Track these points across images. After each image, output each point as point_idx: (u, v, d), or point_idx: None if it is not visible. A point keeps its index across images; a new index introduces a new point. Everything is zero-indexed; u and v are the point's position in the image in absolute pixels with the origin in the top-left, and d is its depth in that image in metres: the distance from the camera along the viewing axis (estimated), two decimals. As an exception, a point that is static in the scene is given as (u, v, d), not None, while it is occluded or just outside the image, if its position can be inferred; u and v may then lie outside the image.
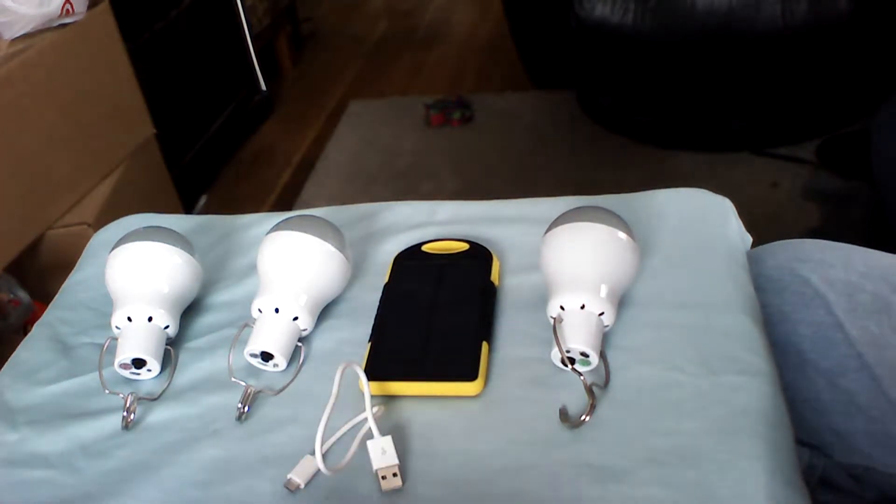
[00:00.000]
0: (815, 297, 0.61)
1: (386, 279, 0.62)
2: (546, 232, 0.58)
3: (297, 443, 0.51)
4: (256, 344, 0.56)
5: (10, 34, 1.43)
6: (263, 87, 2.48)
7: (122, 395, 0.55)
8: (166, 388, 0.57)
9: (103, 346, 0.59)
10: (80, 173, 1.56)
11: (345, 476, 0.48)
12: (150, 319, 0.58)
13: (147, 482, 0.50)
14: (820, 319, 0.60)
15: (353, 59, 2.86)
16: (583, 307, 0.53)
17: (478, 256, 0.62)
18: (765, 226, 0.77)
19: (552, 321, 0.53)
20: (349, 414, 0.52)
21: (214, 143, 2.20)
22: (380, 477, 0.47)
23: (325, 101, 2.58)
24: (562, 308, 0.53)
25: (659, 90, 1.96)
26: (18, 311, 1.37)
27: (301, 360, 0.57)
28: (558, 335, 0.52)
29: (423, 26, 3.07)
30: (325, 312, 0.61)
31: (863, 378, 0.58)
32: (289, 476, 0.48)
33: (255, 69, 2.43)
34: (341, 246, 0.60)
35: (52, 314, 0.67)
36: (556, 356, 0.52)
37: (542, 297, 0.56)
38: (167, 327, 0.59)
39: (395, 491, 0.47)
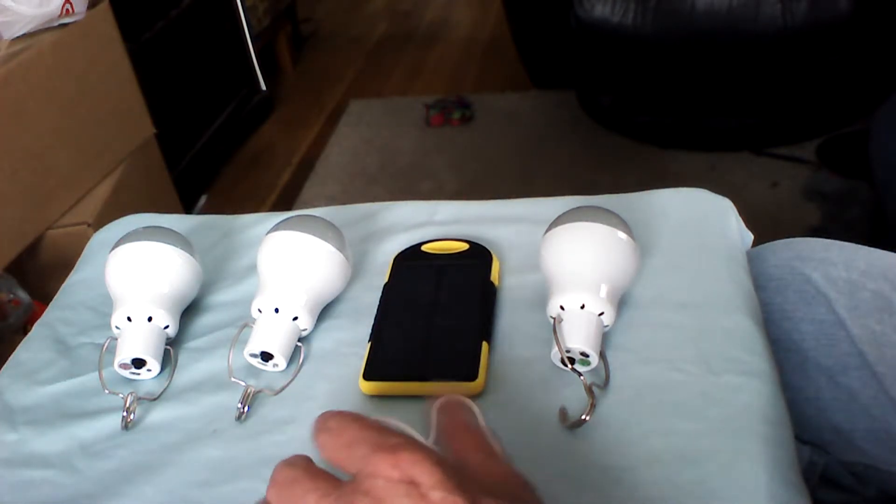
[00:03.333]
0: (816, 296, 0.61)
1: (386, 279, 0.62)
2: (546, 232, 0.58)
3: (296, 443, 0.51)
4: (256, 344, 0.56)
5: (10, 34, 1.44)
6: (263, 86, 2.48)
7: (121, 395, 0.55)
8: (166, 388, 0.57)
9: (103, 346, 0.59)
10: (80, 173, 1.56)
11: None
12: (149, 319, 0.58)
13: (147, 482, 0.50)
14: (821, 317, 0.60)
15: (353, 59, 2.86)
16: (583, 307, 0.53)
17: (478, 256, 0.62)
18: (765, 225, 0.77)
19: (552, 321, 0.53)
20: (349, 414, 0.52)
21: (214, 143, 2.20)
22: None
23: (325, 101, 2.58)
24: (562, 308, 0.53)
25: (659, 90, 1.96)
26: (18, 311, 1.37)
27: (301, 360, 0.57)
28: (558, 335, 0.52)
29: (423, 26, 3.07)
30: (325, 312, 0.61)
31: (864, 376, 0.58)
32: None
33: (255, 69, 2.43)
34: (341, 246, 0.60)
35: (52, 314, 0.67)
36: (556, 356, 0.52)
37: (542, 297, 0.56)
38: (167, 327, 0.59)
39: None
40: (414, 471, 0.32)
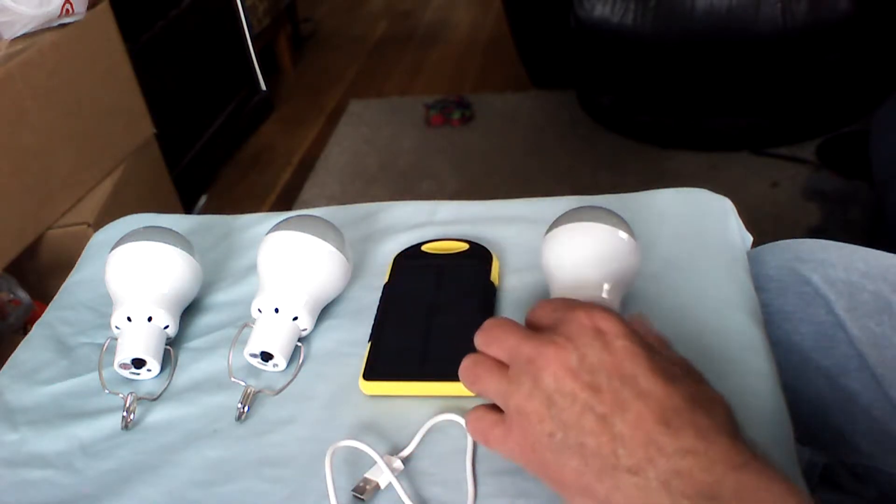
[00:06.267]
0: (816, 297, 0.61)
1: (386, 279, 0.62)
2: (547, 232, 0.58)
3: (297, 443, 0.51)
4: (256, 344, 0.56)
5: (10, 34, 1.44)
6: (263, 86, 2.48)
7: (121, 395, 0.55)
8: (166, 388, 0.57)
9: (103, 346, 0.59)
10: (80, 173, 1.56)
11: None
12: (149, 319, 0.58)
13: (147, 482, 0.50)
14: (821, 319, 0.60)
15: (353, 59, 2.86)
16: None
17: (478, 256, 0.62)
18: (765, 226, 0.78)
19: None
20: (348, 414, 0.52)
21: (214, 143, 2.20)
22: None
23: (325, 101, 2.58)
24: None
25: (659, 90, 1.96)
26: (18, 311, 1.37)
27: (301, 360, 0.57)
28: None
29: (423, 26, 3.08)
30: (325, 312, 0.61)
31: (864, 377, 0.58)
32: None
33: (255, 69, 2.43)
34: (341, 246, 0.60)
35: (51, 314, 0.67)
36: None
37: (542, 297, 0.56)
38: (167, 327, 0.59)
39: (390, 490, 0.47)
40: (604, 323, 0.39)
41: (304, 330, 0.58)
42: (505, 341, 0.42)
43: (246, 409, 0.54)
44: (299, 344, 0.58)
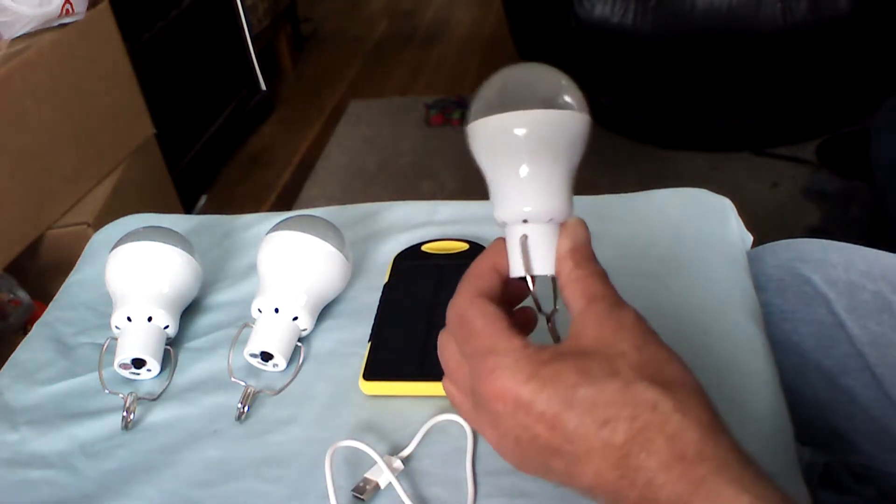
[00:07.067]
0: (816, 297, 0.61)
1: (386, 279, 0.62)
2: (471, 121, 0.43)
3: (296, 443, 0.51)
4: (256, 344, 0.56)
5: (10, 34, 1.43)
6: (263, 86, 2.48)
7: (121, 395, 0.55)
8: (166, 388, 0.57)
9: (103, 346, 0.59)
10: (80, 173, 1.56)
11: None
12: (149, 319, 0.58)
13: (147, 482, 0.50)
14: (821, 319, 0.60)
15: (353, 59, 2.86)
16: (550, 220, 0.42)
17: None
18: (765, 225, 0.77)
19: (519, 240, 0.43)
20: (348, 414, 0.52)
21: (214, 143, 2.20)
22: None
23: (325, 101, 2.58)
24: (525, 222, 0.42)
25: (659, 90, 1.96)
26: (18, 311, 1.37)
27: (301, 360, 0.57)
28: (526, 253, 0.42)
29: (423, 26, 3.07)
30: (325, 312, 0.61)
31: (864, 377, 0.58)
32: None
33: (255, 69, 2.43)
34: (341, 246, 0.60)
35: (52, 314, 0.67)
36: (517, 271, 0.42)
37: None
38: (167, 327, 0.59)
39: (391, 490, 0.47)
40: (518, 390, 0.35)
41: (304, 330, 0.58)
42: (451, 391, 0.40)
43: (246, 409, 0.54)
44: (299, 344, 0.58)
